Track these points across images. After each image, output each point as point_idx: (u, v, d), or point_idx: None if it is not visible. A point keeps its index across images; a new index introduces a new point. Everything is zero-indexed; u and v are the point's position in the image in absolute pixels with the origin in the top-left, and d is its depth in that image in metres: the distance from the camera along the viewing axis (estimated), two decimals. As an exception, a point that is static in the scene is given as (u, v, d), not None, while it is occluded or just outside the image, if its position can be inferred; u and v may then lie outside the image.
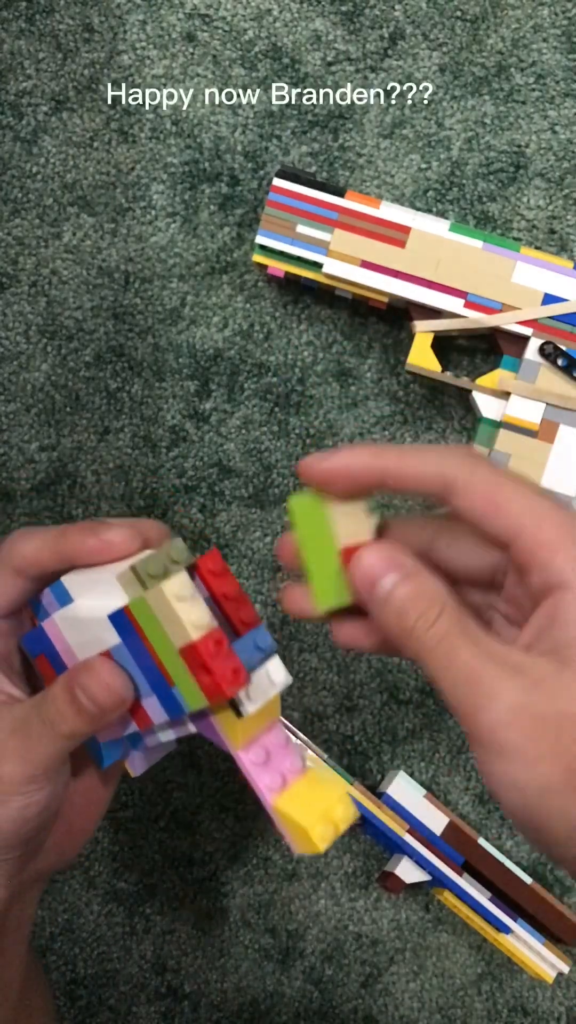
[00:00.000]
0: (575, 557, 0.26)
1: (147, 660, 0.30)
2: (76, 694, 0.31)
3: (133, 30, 0.50)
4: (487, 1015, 0.53)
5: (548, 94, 0.49)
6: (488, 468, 0.28)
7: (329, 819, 0.30)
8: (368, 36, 0.49)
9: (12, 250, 0.51)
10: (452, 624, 0.27)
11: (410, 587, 0.28)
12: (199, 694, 0.29)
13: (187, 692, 0.30)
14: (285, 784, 0.31)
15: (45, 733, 0.32)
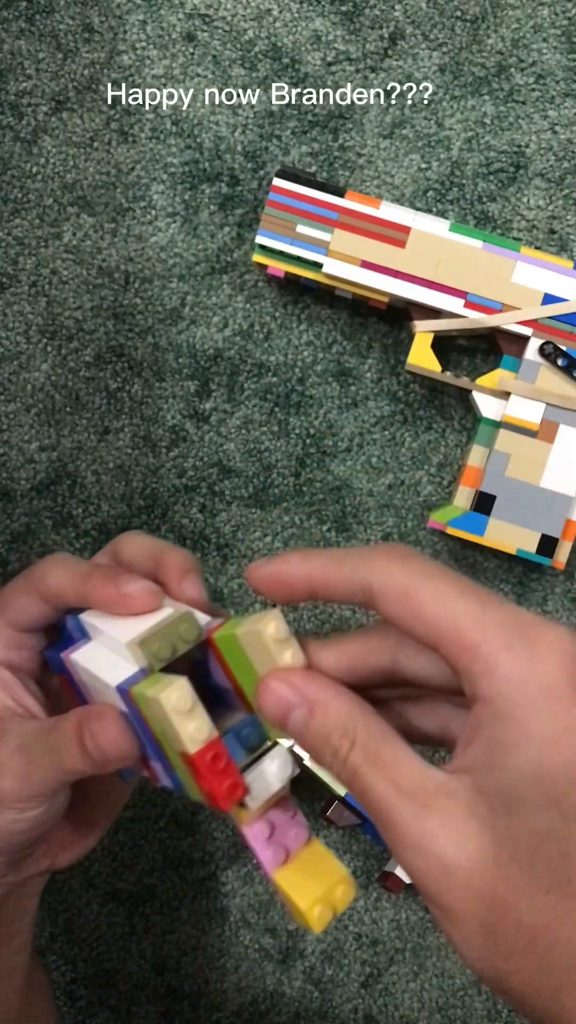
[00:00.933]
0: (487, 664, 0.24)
1: (152, 740, 0.30)
2: (85, 739, 0.31)
3: (133, 30, 0.50)
4: (487, 1015, 0.53)
5: (548, 94, 0.49)
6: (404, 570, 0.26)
7: (328, 901, 0.29)
8: (368, 36, 0.49)
9: (12, 250, 0.51)
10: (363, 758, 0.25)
11: (317, 722, 0.26)
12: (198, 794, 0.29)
13: (187, 784, 0.29)
14: (288, 857, 0.31)
15: (49, 763, 0.32)
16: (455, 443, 0.51)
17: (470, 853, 0.23)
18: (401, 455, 0.51)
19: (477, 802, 0.23)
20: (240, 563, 0.52)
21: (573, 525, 0.47)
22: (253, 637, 0.28)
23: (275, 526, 0.51)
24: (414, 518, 0.51)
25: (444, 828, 0.23)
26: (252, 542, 0.52)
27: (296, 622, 0.52)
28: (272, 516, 0.51)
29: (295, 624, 0.52)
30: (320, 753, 0.26)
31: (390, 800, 0.24)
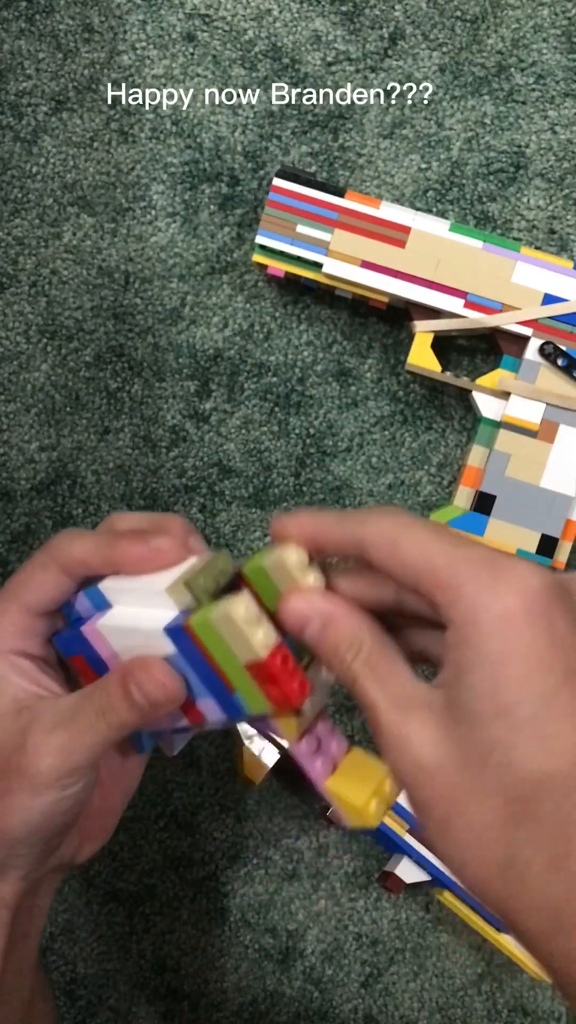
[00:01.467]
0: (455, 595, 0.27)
1: (206, 669, 0.32)
2: (130, 689, 0.32)
3: (133, 30, 0.50)
4: (487, 1015, 0.53)
5: (548, 94, 0.49)
6: (392, 521, 0.29)
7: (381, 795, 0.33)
8: (368, 36, 0.50)
9: (12, 250, 0.51)
10: (362, 667, 0.29)
11: (329, 634, 0.30)
12: (263, 702, 0.31)
13: (250, 699, 0.31)
14: (335, 767, 0.33)
15: (96, 723, 0.32)
16: (455, 443, 0.51)
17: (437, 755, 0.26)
18: (401, 455, 0.51)
19: (446, 713, 0.27)
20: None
21: (573, 525, 0.47)
22: (278, 565, 0.31)
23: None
24: (414, 518, 0.51)
25: (419, 732, 0.27)
26: (252, 542, 0.52)
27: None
28: (272, 516, 0.51)
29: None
30: (330, 662, 0.30)
31: (380, 705, 0.28)
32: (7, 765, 0.33)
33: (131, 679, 0.32)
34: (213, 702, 0.33)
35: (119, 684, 0.32)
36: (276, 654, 0.30)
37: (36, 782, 0.32)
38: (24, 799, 0.32)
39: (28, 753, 0.33)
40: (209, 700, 0.33)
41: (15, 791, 0.33)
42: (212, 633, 0.31)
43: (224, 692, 0.32)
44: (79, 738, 0.32)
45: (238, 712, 0.32)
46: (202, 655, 0.32)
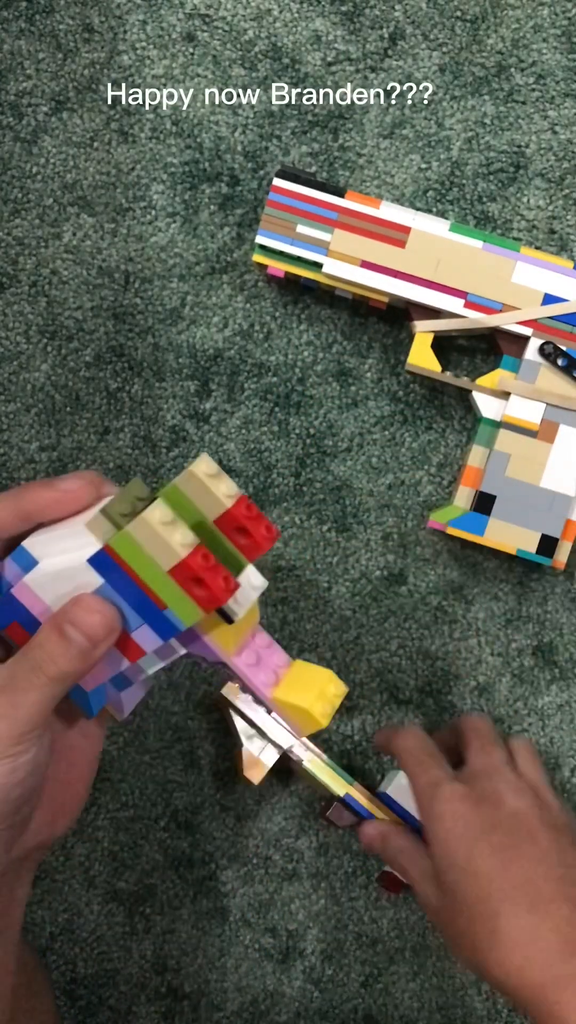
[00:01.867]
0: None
1: (134, 591, 0.32)
2: (66, 630, 0.32)
3: (133, 30, 0.50)
4: (487, 1015, 0.53)
5: (548, 94, 0.49)
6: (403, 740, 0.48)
7: (325, 697, 0.34)
8: (368, 36, 0.49)
9: (12, 250, 0.51)
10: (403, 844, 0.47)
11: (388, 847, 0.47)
12: (193, 609, 0.32)
13: (180, 610, 0.32)
14: (278, 678, 0.35)
15: (34, 680, 0.32)
16: (455, 443, 0.51)
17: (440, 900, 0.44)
18: (401, 455, 0.51)
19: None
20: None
21: (573, 525, 0.47)
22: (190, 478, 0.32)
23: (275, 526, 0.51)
24: (414, 518, 0.51)
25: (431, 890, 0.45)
26: (252, 542, 0.52)
27: (296, 622, 0.52)
28: (272, 516, 0.51)
29: (295, 624, 0.52)
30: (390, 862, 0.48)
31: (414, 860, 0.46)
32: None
33: (64, 620, 0.32)
34: (148, 629, 0.33)
35: (52, 630, 0.32)
36: (196, 553, 0.31)
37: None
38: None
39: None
40: (144, 629, 0.33)
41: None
42: (132, 547, 0.32)
43: (155, 611, 0.33)
44: (21, 698, 0.32)
45: (172, 629, 0.33)
46: (128, 576, 0.32)
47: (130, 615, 0.33)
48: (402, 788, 0.47)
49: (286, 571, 0.52)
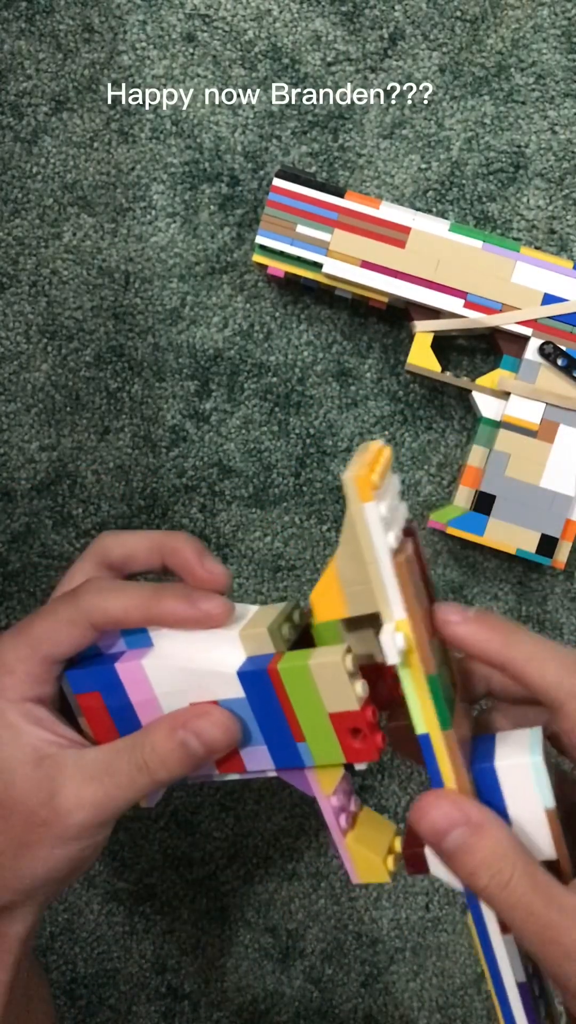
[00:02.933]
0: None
1: (276, 717, 0.32)
2: (187, 740, 0.32)
3: (133, 30, 0.50)
4: (487, 1015, 0.53)
5: (548, 94, 0.49)
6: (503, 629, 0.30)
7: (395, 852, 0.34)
8: (368, 36, 0.50)
9: (12, 250, 0.51)
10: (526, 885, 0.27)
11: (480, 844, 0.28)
12: (337, 754, 0.32)
13: (320, 750, 0.32)
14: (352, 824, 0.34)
15: (138, 780, 0.32)
16: (455, 443, 0.51)
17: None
18: (401, 455, 0.51)
19: None
20: (240, 563, 0.52)
21: (573, 525, 0.47)
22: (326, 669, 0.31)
23: (275, 526, 0.52)
24: (414, 518, 0.51)
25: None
26: (252, 542, 0.52)
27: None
28: (272, 516, 0.51)
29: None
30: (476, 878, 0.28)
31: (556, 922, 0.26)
32: (33, 816, 0.32)
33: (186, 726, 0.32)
34: (263, 750, 0.33)
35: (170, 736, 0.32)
36: (368, 707, 0.31)
37: (66, 835, 0.32)
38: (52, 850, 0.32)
39: (59, 808, 0.32)
40: (258, 748, 0.33)
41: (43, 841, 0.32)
42: (303, 680, 0.31)
43: (288, 741, 0.32)
44: (116, 792, 0.32)
45: (295, 761, 0.33)
46: (278, 702, 0.32)
47: (252, 734, 0.33)
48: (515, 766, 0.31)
49: (286, 571, 0.52)
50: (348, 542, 0.29)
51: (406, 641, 0.29)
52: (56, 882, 0.34)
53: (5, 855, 0.33)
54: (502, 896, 0.27)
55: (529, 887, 0.27)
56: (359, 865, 0.34)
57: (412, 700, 0.30)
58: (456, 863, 0.28)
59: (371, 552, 0.29)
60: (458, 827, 0.28)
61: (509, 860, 0.27)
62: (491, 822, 0.28)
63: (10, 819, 0.33)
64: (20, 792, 0.32)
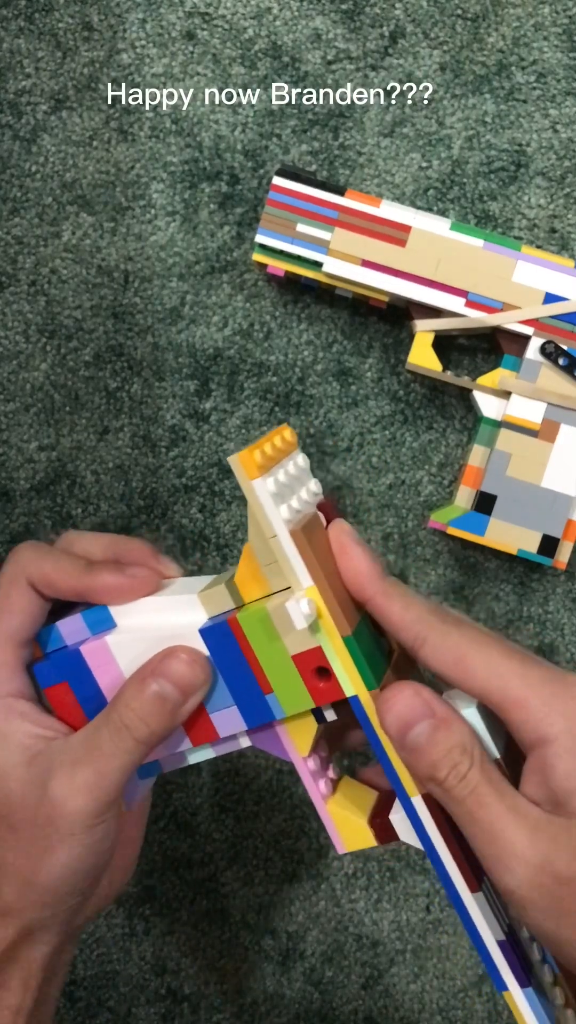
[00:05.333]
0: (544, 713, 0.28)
1: (241, 671, 0.32)
2: (157, 684, 0.31)
3: (133, 28, 0.50)
4: (487, 1017, 0.53)
5: (549, 92, 0.49)
6: (456, 628, 0.29)
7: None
8: (368, 35, 0.49)
9: (11, 249, 0.51)
10: (481, 777, 0.28)
11: (443, 737, 0.29)
12: (304, 699, 0.31)
13: (287, 698, 0.32)
14: (333, 790, 0.34)
15: (120, 744, 0.31)
16: (456, 443, 0.51)
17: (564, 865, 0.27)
18: (402, 455, 0.51)
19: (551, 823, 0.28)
20: (240, 563, 0.51)
21: (574, 525, 0.47)
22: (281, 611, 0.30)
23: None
24: (414, 518, 0.51)
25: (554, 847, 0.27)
26: (252, 542, 0.51)
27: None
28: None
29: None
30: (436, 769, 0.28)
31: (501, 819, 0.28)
32: (34, 819, 0.31)
33: (153, 674, 0.31)
34: (233, 711, 0.32)
35: (140, 686, 0.31)
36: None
37: (70, 830, 0.31)
38: (61, 852, 0.31)
39: (55, 801, 0.31)
40: (230, 711, 0.32)
41: (51, 842, 0.31)
42: (263, 625, 0.31)
43: (256, 695, 0.32)
44: (105, 767, 0.31)
45: (266, 715, 0.32)
46: (241, 654, 0.32)
47: (220, 695, 0.32)
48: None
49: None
50: (252, 524, 0.31)
51: (312, 606, 0.30)
52: (75, 891, 0.32)
53: (21, 868, 0.32)
54: (458, 788, 0.28)
55: (484, 780, 0.28)
56: (343, 831, 0.33)
57: (335, 664, 0.31)
58: (418, 756, 0.29)
59: (268, 526, 0.30)
60: (423, 720, 0.29)
61: (468, 754, 0.28)
62: (455, 718, 0.29)
63: (17, 830, 0.32)
64: (19, 798, 0.32)
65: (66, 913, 0.33)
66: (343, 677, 0.31)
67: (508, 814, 0.28)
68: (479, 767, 0.28)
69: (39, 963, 0.33)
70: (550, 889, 0.27)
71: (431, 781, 0.29)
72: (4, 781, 0.32)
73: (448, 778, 0.28)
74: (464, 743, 0.28)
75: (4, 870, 0.32)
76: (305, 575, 0.30)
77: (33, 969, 0.33)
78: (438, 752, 0.28)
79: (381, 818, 0.33)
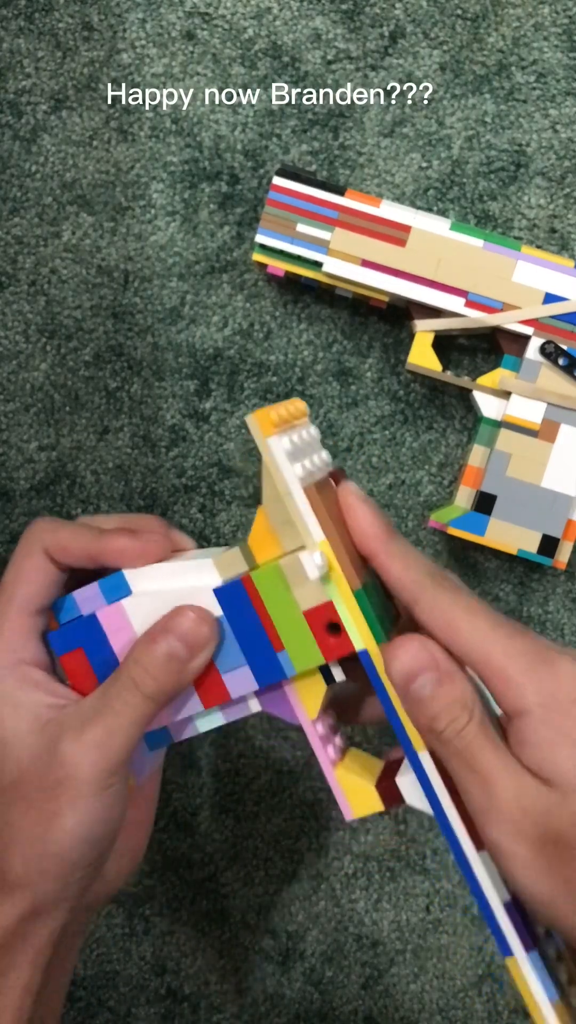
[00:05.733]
0: (520, 684, 0.28)
1: (253, 629, 0.32)
2: (164, 640, 0.32)
3: (133, 28, 0.50)
4: (488, 1017, 0.53)
5: (549, 92, 0.49)
6: (449, 593, 0.30)
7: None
8: (368, 34, 0.49)
9: (11, 249, 0.51)
10: (478, 731, 0.29)
11: (446, 691, 0.29)
12: (314, 655, 0.32)
13: (298, 654, 0.32)
14: (341, 756, 0.35)
15: (129, 700, 0.32)
16: (456, 443, 0.51)
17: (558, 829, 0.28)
18: (402, 455, 0.51)
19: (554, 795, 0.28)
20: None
21: (574, 525, 0.47)
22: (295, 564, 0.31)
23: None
24: (415, 518, 0.51)
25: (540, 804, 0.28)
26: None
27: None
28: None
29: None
30: (436, 720, 0.29)
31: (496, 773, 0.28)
32: (44, 783, 0.31)
33: (161, 630, 0.32)
34: (245, 671, 0.33)
35: (149, 642, 0.32)
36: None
37: (81, 790, 0.31)
38: (70, 816, 0.31)
39: (65, 761, 0.31)
40: (242, 671, 0.33)
41: (61, 809, 0.31)
42: (276, 583, 0.32)
43: (268, 653, 0.33)
44: (114, 723, 0.31)
45: (277, 674, 0.33)
46: (254, 612, 0.32)
47: (231, 654, 0.33)
48: None
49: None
50: (267, 484, 0.32)
51: (324, 559, 0.31)
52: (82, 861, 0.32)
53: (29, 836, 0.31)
54: (455, 740, 0.29)
55: (480, 735, 0.29)
56: (351, 796, 0.34)
57: (345, 618, 0.31)
58: (420, 707, 0.29)
59: (282, 482, 0.31)
60: (428, 671, 0.29)
61: (468, 710, 0.29)
62: (458, 674, 0.30)
63: (27, 797, 0.32)
64: (29, 764, 0.32)
65: (74, 887, 0.33)
66: (352, 630, 0.31)
67: (499, 769, 0.28)
68: (477, 723, 0.29)
69: (48, 940, 0.33)
70: (534, 843, 0.28)
71: (430, 733, 0.30)
72: (15, 750, 0.32)
73: (446, 730, 0.29)
74: (465, 699, 0.29)
75: (13, 839, 0.32)
76: (318, 530, 0.31)
77: (41, 946, 0.32)
78: (438, 705, 0.29)
79: (388, 781, 0.33)
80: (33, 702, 0.33)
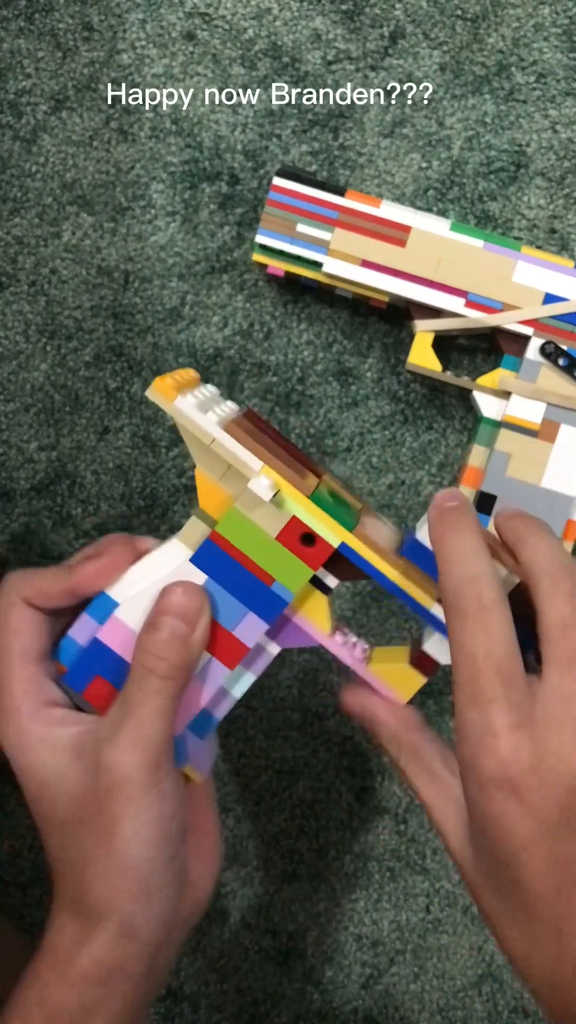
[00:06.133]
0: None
1: (239, 575, 0.34)
2: (161, 621, 0.33)
3: (133, 29, 0.50)
4: (488, 1017, 0.53)
5: (549, 93, 0.49)
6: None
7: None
8: (368, 35, 0.49)
9: (11, 249, 0.51)
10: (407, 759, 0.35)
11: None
12: (302, 570, 0.34)
13: (288, 577, 0.34)
14: (366, 655, 0.36)
15: (147, 686, 0.32)
16: (456, 443, 0.51)
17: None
18: (402, 455, 0.51)
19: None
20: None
21: (574, 525, 0.47)
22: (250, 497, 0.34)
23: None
24: (415, 518, 0.51)
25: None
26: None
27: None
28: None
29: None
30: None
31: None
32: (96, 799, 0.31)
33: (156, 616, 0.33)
34: (252, 617, 0.34)
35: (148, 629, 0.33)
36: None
37: (131, 793, 0.31)
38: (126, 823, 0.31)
39: (109, 768, 0.31)
40: (247, 619, 0.34)
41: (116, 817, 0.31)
42: (239, 523, 0.34)
43: (262, 590, 0.34)
44: (142, 715, 0.32)
45: (279, 604, 0.34)
46: (234, 559, 0.34)
47: (232, 609, 0.34)
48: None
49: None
50: (192, 444, 0.34)
51: (270, 479, 0.33)
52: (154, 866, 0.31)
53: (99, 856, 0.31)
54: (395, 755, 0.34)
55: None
56: (393, 682, 0.36)
57: (312, 523, 0.34)
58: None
59: (202, 432, 0.33)
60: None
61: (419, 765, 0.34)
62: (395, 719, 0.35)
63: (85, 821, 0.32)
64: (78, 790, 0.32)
65: (157, 897, 0.32)
66: (324, 531, 0.34)
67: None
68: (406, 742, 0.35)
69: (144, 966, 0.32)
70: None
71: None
72: (62, 784, 0.32)
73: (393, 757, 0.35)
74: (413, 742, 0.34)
75: (86, 864, 0.32)
76: (253, 459, 0.33)
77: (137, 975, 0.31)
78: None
79: (417, 654, 0.36)
80: (65, 737, 0.33)
